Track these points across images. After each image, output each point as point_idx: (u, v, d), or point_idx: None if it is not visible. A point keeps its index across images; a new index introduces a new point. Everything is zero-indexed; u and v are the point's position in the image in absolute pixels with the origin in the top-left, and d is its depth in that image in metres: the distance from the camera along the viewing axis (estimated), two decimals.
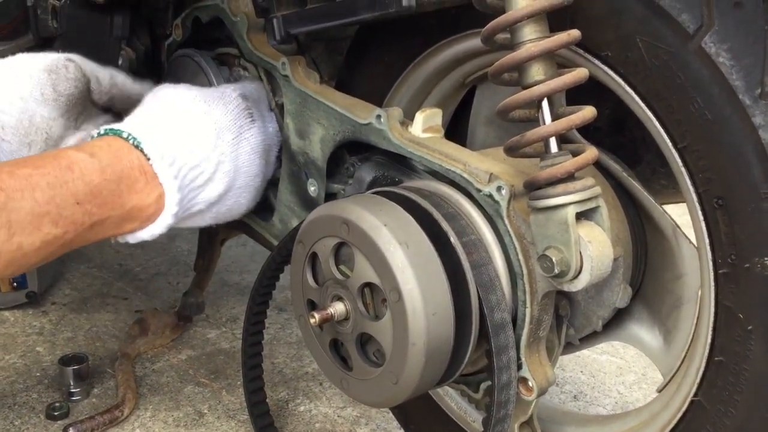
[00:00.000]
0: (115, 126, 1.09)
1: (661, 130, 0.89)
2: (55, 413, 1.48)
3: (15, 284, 1.84)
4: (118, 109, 1.28)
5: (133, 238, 1.09)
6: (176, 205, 1.08)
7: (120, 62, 1.39)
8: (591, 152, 0.90)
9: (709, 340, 0.91)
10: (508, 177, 0.96)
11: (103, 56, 1.36)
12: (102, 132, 1.08)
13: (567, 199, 0.88)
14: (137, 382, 1.59)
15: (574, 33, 0.87)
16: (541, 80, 0.88)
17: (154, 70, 1.45)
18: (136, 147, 1.06)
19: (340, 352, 1.03)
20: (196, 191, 1.12)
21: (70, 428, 1.42)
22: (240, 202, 1.20)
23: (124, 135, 1.06)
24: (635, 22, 0.87)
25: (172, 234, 2.37)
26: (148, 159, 1.05)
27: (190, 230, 2.35)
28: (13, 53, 1.41)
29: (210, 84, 1.30)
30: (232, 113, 1.16)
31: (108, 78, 1.25)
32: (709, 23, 0.83)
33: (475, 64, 1.13)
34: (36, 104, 1.18)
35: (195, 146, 1.10)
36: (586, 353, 1.79)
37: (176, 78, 1.35)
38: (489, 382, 0.96)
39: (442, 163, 1.01)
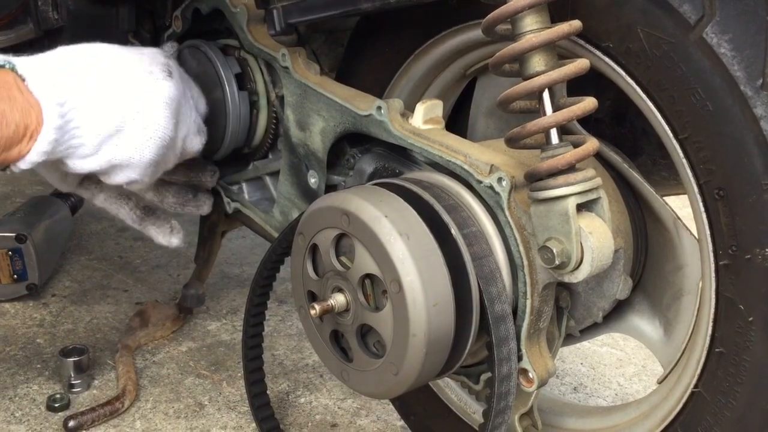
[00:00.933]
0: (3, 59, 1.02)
1: (662, 121, 0.89)
2: (56, 405, 1.48)
3: (15, 276, 1.84)
4: None
5: (24, 162, 1.01)
6: (55, 130, 1.00)
7: None
8: (592, 143, 0.90)
9: (709, 332, 0.91)
10: (509, 168, 0.96)
11: None
12: None
13: (568, 190, 0.87)
14: (138, 374, 1.59)
15: (575, 24, 0.87)
16: (542, 71, 0.88)
17: None
18: (10, 68, 1.00)
19: (340, 344, 1.03)
20: (83, 119, 1.04)
21: (71, 420, 1.42)
22: (142, 153, 1.09)
23: (6, 66, 1.00)
24: (636, 12, 0.87)
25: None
26: (24, 80, 0.99)
27: (191, 223, 2.35)
28: (13, 44, 1.41)
29: (218, 76, 1.29)
30: (145, 62, 1.12)
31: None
32: (710, 14, 0.83)
33: (476, 56, 1.13)
34: None
35: (89, 80, 1.05)
36: (586, 345, 1.79)
37: (185, 68, 1.35)
38: (489, 374, 0.96)
39: (442, 155, 1.00)
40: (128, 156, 1.09)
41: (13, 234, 1.81)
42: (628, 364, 1.75)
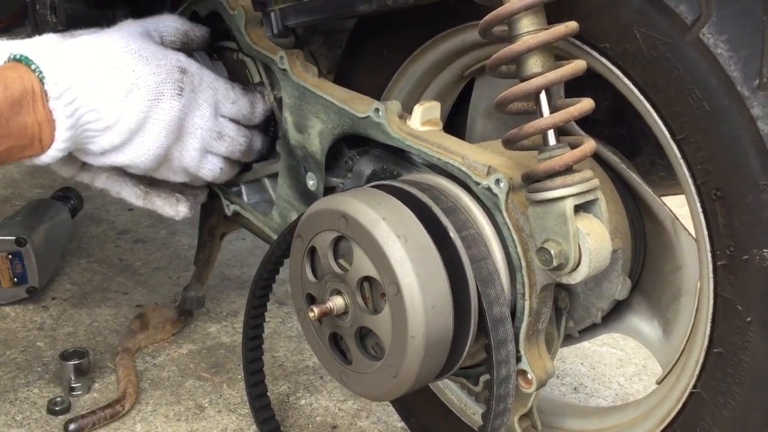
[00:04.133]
0: (28, 53, 1.09)
1: (660, 122, 0.89)
2: (57, 408, 1.49)
3: (15, 279, 1.84)
4: None
5: (38, 160, 1.12)
6: (65, 142, 1.09)
7: None
8: (589, 144, 0.90)
9: (708, 332, 0.91)
10: (507, 170, 0.96)
11: None
12: (16, 57, 1.08)
13: (565, 191, 0.87)
14: (138, 377, 1.60)
15: (572, 25, 0.87)
16: (539, 72, 0.88)
17: None
18: (40, 81, 1.07)
19: (339, 346, 1.03)
20: (92, 133, 1.13)
21: (72, 423, 1.42)
22: (141, 161, 1.19)
23: (33, 67, 1.07)
24: (633, 13, 0.87)
25: (173, 229, 2.37)
26: (47, 94, 1.07)
27: (190, 225, 2.35)
28: None
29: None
30: (160, 77, 1.15)
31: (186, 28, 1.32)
32: (707, 14, 0.83)
33: (474, 57, 1.13)
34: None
35: (101, 92, 1.11)
36: (586, 345, 1.79)
37: None
38: (488, 375, 0.96)
39: (440, 157, 1.01)
40: (127, 163, 1.19)
41: (13, 237, 1.81)
42: (629, 364, 1.75)
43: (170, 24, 1.25)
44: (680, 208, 1.02)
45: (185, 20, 1.29)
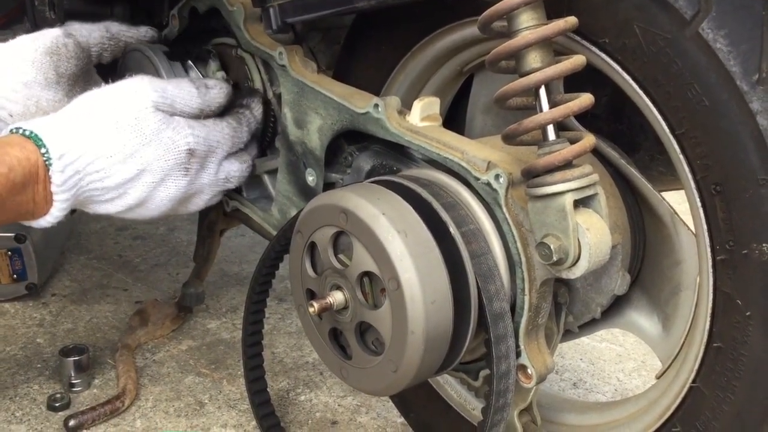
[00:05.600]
0: (40, 131, 1.05)
1: (659, 117, 0.89)
2: (57, 404, 1.49)
3: (15, 276, 1.84)
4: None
5: (36, 224, 1.09)
6: (60, 213, 1.07)
7: None
8: (589, 139, 0.90)
9: (707, 327, 0.92)
10: (506, 165, 0.96)
11: None
12: (26, 133, 1.05)
13: (565, 186, 0.88)
14: (138, 373, 1.60)
15: (571, 20, 0.87)
16: (539, 68, 0.88)
17: None
18: (47, 166, 1.03)
19: (339, 341, 1.04)
20: (92, 202, 1.12)
21: (72, 419, 1.42)
22: (146, 214, 1.19)
23: (42, 151, 1.04)
24: (632, 8, 0.87)
25: (172, 225, 2.37)
26: (50, 179, 1.04)
27: (189, 222, 2.35)
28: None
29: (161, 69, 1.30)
30: (168, 163, 1.13)
31: (105, 36, 1.26)
32: (706, 9, 0.83)
33: (473, 52, 1.13)
34: (40, 89, 1.18)
35: (108, 178, 1.09)
36: (585, 341, 1.79)
37: (130, 73, 1.34)
38: (488, 370, 0.96)
39: (440, 152, 1.01)
40: (135, 217, 1.20)
41: (12, 234, 1.81)
42: (628, 360, 1.75)
43: (186, 97, 1.19)
44: (680, 204, 1.02)
45: (203, 89, 1.22)
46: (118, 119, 1.09)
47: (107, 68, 1.35)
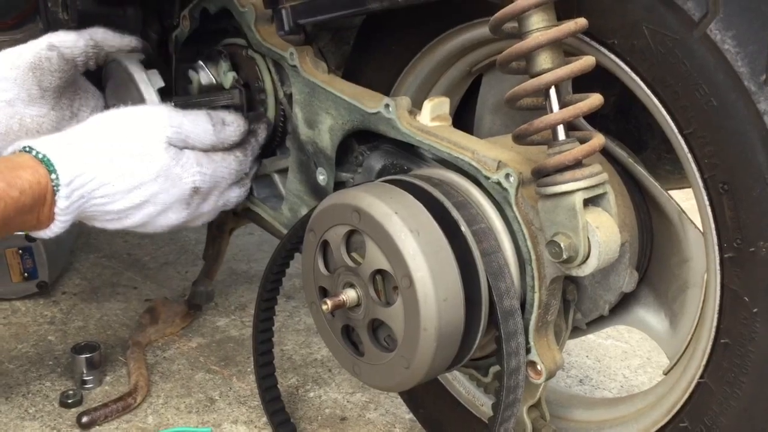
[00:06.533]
0: (51, 155, 1.04)
1: (667, 117, 0.90)
2: (69, 401, 1.50)
3: (26, 274, 1.86)
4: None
5: (35, 235, 1.10)
6: (62, 228, 1.08)
7: None
8: (598, 139, 0.92)
9: (714, 323, 0.93)
10: (516, 164, 0.97)
11: None
12: (38, 155, 1.04)
13: (574, 185, 0.89)
14: (149, 370, 1.61)
15: (581, 21, 0.89)
16: (549, 69, 0.89)
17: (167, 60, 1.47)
18: (54, 191, 1.03)
19: (351, 338, 1.05)
20: (97, 220, 1.12)
21: (84, 416, 1.44)
22: (144, 231, 1.19)
23: (53, 177, 1.03)
24: (641, 10, 0.89)
25: None
26: (56, 203, 1.04)
27: None
28: (25, 42, 1.42)
29: (138, 91, 1.27)
30: (173, 197, 1.13)
31: (90, 44, 1.22)
32: (714, 10, 0.84)
33: (482, 53, 1.14)
34: (24, 106, 1.16)
35: (112, 205, 1.09)
36: (591, 338, 1.80)
37: (110, 84, 1.33)
38: (498, 367, 0.97)
39: (450, 152, 1.02)
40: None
41: (23, 233, 1.82)
42: (633, 356, 1.77)
43: (201, 134, 1.17)
44: (687, 202, 1.03)
45: (219, 126, 1.21)
46: (130, 151, 1.09)
47: (95, 73, 1.35)
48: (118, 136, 1.09)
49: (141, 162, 1.09)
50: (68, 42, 1.21)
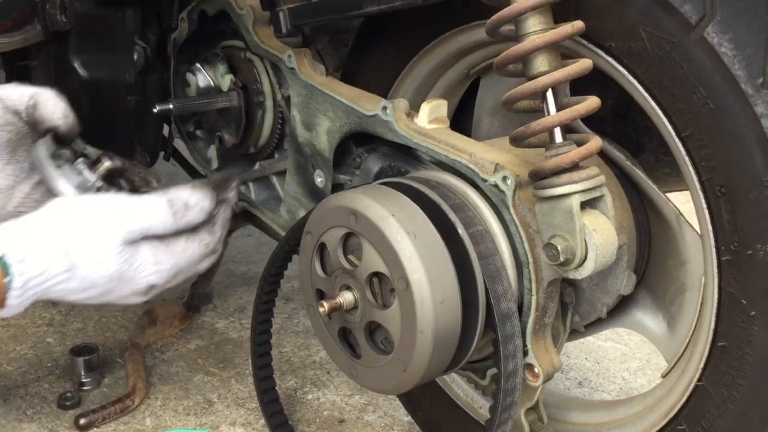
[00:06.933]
0: (7, 256, 0.96)
1: (665, 120, 0.90)
2: (67, 403, 1.50)
3: None
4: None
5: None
6: (9, 315, 1.00)
7: (135, 57, 1.40)
8: (595, 142, 0.91)
9: (712, 326, 0.93)
10: (514, 167, 0.97)
11: (117, 51, 1.38)
12: None
13: (572, 188, 0.89)
14: (147, 372, 1.61)
15: (578, 24, 0.89)
16: (546, 71, 0.89)
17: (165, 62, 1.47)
18: (6, 288, 0.95)
19: (349, 341, 1.05)
20: (59, 299, 1.03)
21: (82, 417, 1.44)
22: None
23: (6, 279, 0.95)
24: (638, 13, 0.89)
25: None
26: (6, 300, 0.96)
27: None
28: (21, 46, 1.42)
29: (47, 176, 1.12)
30: (123, 293, 1.05)
31: (31, 104, 1.12)
32: (711, 14, 0.84)
33: (480, 56, 1.14)
34: None
35: (64, 293, 1.01)
36: (590, 340, 1.80)
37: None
38: (495, 369, 0.97)
39: (448, 154, 1.02)
40: None
41: None
42: (633, 359, 1.77)
43: (160, 223, 1.06)
44: (684, 204, 1.03)
45: (181, 213, 1.07)
46: (85, 256, 1.01)
47: None
48: (74, 237, 1.01)
49: (94, 267, 1.02)
50: (14, 96, 1.11)
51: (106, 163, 1.10)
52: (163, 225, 1.05)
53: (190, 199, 1.08)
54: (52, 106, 1.13)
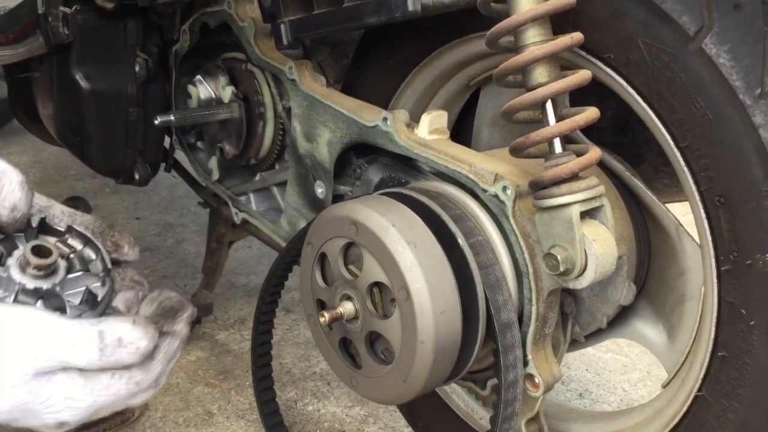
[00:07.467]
0: None
1: (663, 130, 0.91)
2: None
3: None
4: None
5: None
6: None
7: (137, 69, 1.41)
8: (594, 152, 0.92)
9: (712, 336, 0.93)
10: (514, 177, 0.97)
11: (119, 63, 1.39)
12: None
13: (571, 198, 0.89)
14: None
15: (577, 36, 0.89)
16: (545, 82, 0.90)
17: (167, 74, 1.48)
18: None
19: (349, 351, 1.05)
20: None
21: (82, 429, 1.43)
22: None
23: None
24: (637, 24, 0.89)
25: (180, 238, 2.39)
26: None
27: (197, 234, 2.37)
28: (23, 58, 1.43)
29: None
30: (33, 423, 0.86)
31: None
32: (709, 25, 0.85)
33: (479, 67, 1.15)
34: None
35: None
36: (591, 351, 1.80)
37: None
38: (496, 380, 0.97)
39: (448, 164, 1.02)
40: None
41: None
42: (633, 370, 1.76)
43: (83, 356, 0.85)
44: (685, 216, 1.03)
45: (111, 348, 0.85)
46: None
47: None
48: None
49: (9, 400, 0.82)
50: None
51: (34, 261, 0.89)
52: (85, 360, 0.87)
53: (126, 336, 0.89)
54: (5, 193, 0.90)
